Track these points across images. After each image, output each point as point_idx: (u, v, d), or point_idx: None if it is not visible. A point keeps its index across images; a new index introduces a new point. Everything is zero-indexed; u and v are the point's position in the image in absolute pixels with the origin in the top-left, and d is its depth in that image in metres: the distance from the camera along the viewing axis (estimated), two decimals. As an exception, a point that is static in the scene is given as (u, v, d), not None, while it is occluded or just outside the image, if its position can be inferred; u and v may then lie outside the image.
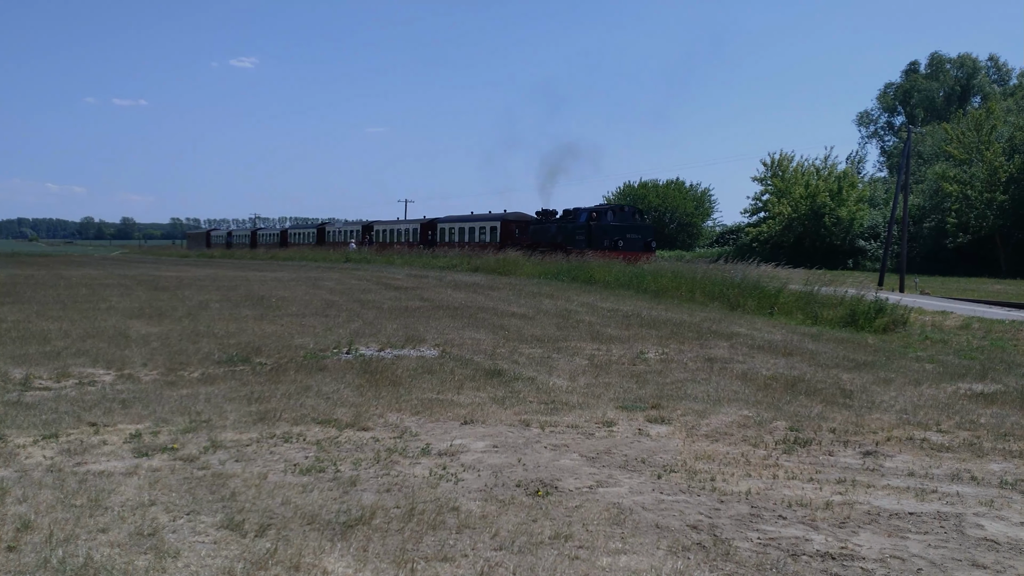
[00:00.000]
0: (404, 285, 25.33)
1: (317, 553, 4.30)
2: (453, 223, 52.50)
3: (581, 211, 39.75)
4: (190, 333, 12.84)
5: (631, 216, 39.22)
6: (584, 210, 39.54)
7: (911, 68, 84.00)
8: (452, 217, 53.98)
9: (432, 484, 5.54)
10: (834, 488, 5.72)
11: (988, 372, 11.03)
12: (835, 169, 64.10)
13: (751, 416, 7.96)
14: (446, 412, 7.80)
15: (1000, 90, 76.21)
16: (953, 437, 7.36)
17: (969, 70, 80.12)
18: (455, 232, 51.58)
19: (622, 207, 40.40)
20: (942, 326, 16.54)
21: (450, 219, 53.54)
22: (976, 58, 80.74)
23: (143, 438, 6.56)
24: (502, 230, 46.21)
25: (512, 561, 4.26)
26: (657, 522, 4.91)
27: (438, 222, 54.27)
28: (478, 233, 48.80)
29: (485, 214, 50.28)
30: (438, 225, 54.03)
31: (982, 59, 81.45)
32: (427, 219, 55.79)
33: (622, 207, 40.40)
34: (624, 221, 38.07)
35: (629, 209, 40.44)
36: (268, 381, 9.10)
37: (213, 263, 48.72)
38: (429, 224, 55.20)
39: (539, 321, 15.58)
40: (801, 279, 21.73)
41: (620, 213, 38.71)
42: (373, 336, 12.97)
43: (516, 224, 46.43)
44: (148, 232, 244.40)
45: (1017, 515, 5.24)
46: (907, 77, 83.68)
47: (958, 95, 79.29)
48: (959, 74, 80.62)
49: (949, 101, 78.66)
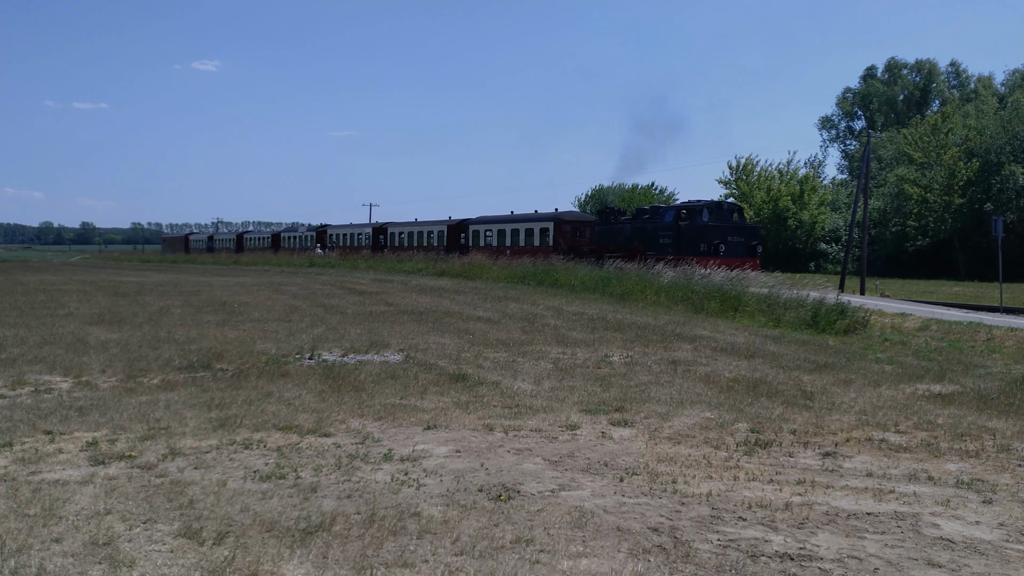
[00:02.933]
0: (369, 290, 25.22)
1: (276, 560, 4.26)
2: (490, 225, 45.19)
3: (665, 209, 33.72)
4: (150, 339, 12.68)
5: (730, 214, 32.15)
6: (669, 208, 33.50)
7: (869, 73, 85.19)
8: (488, 218, 46.45)
9: (394, 490, 5.51)
10: (794, 489, 5.77)
11: (946, 373, 11.20)
12: (797, 173, 64.86)
13: (713, 418, 8.01)
14: (409, 417, 7.77)
15: (959, 95, 77.57)
16: (911, 438, 7.46)
17: (926, 75, 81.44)
18: (492, 235, 44.26)
19: (719, 203, 32.72)
20: (901, 328, 16.78)
21: (485, 220, 46.26)
22: (935, 62, 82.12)
23: (100, 446, 6.46)
24: (555, 232, 39.47)
25: (473, 566, 4.25)
26: (618, 525, 4.92)
27: (470, 223, 46.86)
28: (523, 236, 41.65)
29: (530, 213, 43.51)
30: (470, 227, 46.53)
31: (941, 64, 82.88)
32: (456, 220, 48.76)
33: (719, 203, 32.72)
34: (723, 221, 31.21)
35: (728, 206, 33.18)
36: (229, 387, 9.01)
37: (176, 268, 48.22)
38: (459, 226, 48.02)
39: (504, 325, 15.58)
40: (764, 282, 21.94)
41: (718, 211, 31.52)
42: (336, 341, 12.89)
43: (572, 225, 40.02)
44: (109, 237, 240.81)
45: (972, 514, 5.32)
46: (866, 82, 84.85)
47: (917, 100, 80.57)
48: (917, 79, 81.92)
49: (908, 106, 79.90)
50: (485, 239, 44.64)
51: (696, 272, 24.41)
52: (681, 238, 30.48)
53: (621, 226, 35.04)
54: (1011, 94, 68.51)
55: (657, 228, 32.10)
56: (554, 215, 40.93)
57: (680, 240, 30.48)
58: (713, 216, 30.93)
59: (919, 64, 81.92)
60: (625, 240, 33.88)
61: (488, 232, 44.74)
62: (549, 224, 40.10)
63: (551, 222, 40.02)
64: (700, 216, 30.87)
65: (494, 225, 44.70)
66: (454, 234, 48.01)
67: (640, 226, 33.48)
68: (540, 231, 40.57)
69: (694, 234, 30.27)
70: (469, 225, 46.56)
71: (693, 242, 30.10)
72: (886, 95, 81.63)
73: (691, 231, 30.40)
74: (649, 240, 32.16)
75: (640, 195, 79.73)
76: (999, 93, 73.13)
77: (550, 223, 40.03)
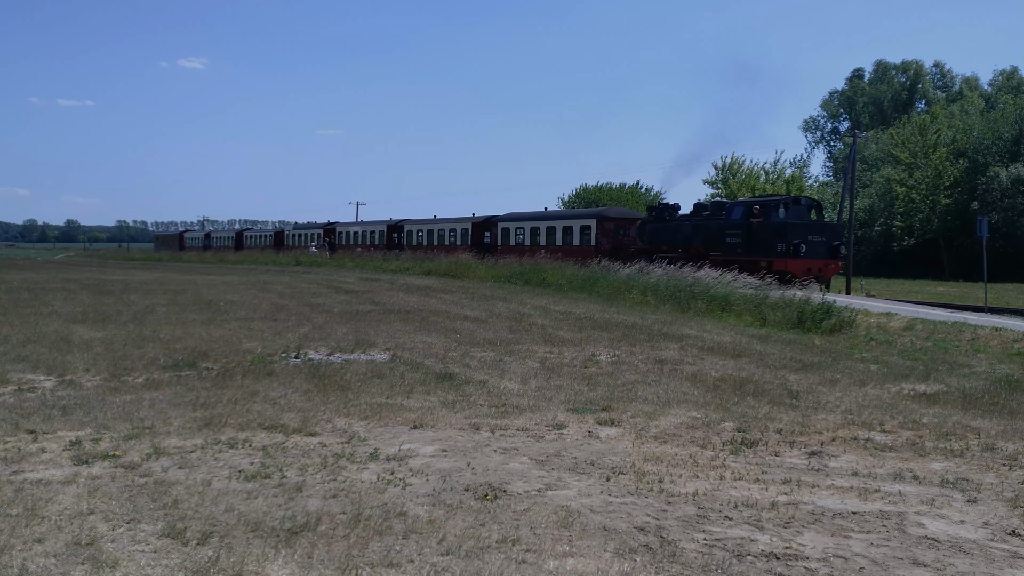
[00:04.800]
0: (355, 288, 25.16)
1: (260, 560, 4.23)
2: (520, 222, 41.53)
3: (732, 204, 30.70)
4: (135, 338, 12.61)
5: (808, 210, 28.98)
6: (737, 203, 30.45)
7: (856, 75, 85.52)
8: (517, 215, 43.05)
9: (379, 489, 5.49)
10: (780, 488, 5.78)
11: (931, 373, 11.25)
12: (783, 173, 65.04)
13: (699, 417, 8.02)
14: (395, 417, 7.74)
15: (944, 96, 77.99)
16: (896, 437, 7.49)
17: (913, 76, 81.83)
18: (524, 233, 40.59)
19: (796, 199, 29.66)
20: (887, 327, 16.84)
21: (515, 217, 42.81)
22: (921, 63, 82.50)
23: (83, 445, 6.41)
24: (598, 231, 35.87)
25: (458, 566, 4.23)
26: (605, 524, 4.92)
27: (498, 220, 43.28)
28: (560, 235, 38.07)
29: (568, 211, 40.61)
30: (498, 225, 42.86)
31: (927, 65, 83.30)
32: (481, 217, 45.70)
33: (796, 199, 29.66)
34: (801, 218, 28.06)
35: (806, 201, 29.84)
36: (214, 386, 8.96)
37: (161, 266, 47.98)
38: (485, 224, 44.91)
39: (492, 324, 15.56)
40: (750, 282, 21.99)
41: (795, 207, 28.36)
42: (323, 340, 12.85)
43: (617, 222, 36.46)
44: (94, 235, 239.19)
45: (957, 514, 5.34)
46: (852, 84, 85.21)
47: (903, 100, 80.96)
48: (904, 80, 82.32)
49: (895, 107, 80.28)
50: (516, 238, 41.12)
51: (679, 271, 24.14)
52: (753, 237, 27.47)
53: (678, 224, 31.86)
54: (997, 95, 68.91)
55: (723, 226, 28.93)
56: (596, 211, 37.91)
57: (751, 239, 27.49)
58: (790, 212, 27.80)
59: (905, 65, 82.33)
60: (683, 239, 30.86)
61: (519, 230, 41.08)
62: (591, 221, 36.50)
63: (593, 219, 36.53)
64: (775, 212, 27.68)
65: (525, 223, 41.08)
66: (478, 232, 45.18)
67: (702, 223, 30.43)
68: (580, 229, 36.96)
69: (769, 233, 27.05)
70: (497, 223, 43.19)
71: (768, 242, 26.98)
72: (872, 96, 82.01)
73: (765, 229, 27.18)
74: (713, 239, 29.22)
75: (628, 194, 79.60)
76: (985, 94, 73.55)
77: (592, 220, 36.57)
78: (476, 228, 45.16)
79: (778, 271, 25.62)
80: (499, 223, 42.82)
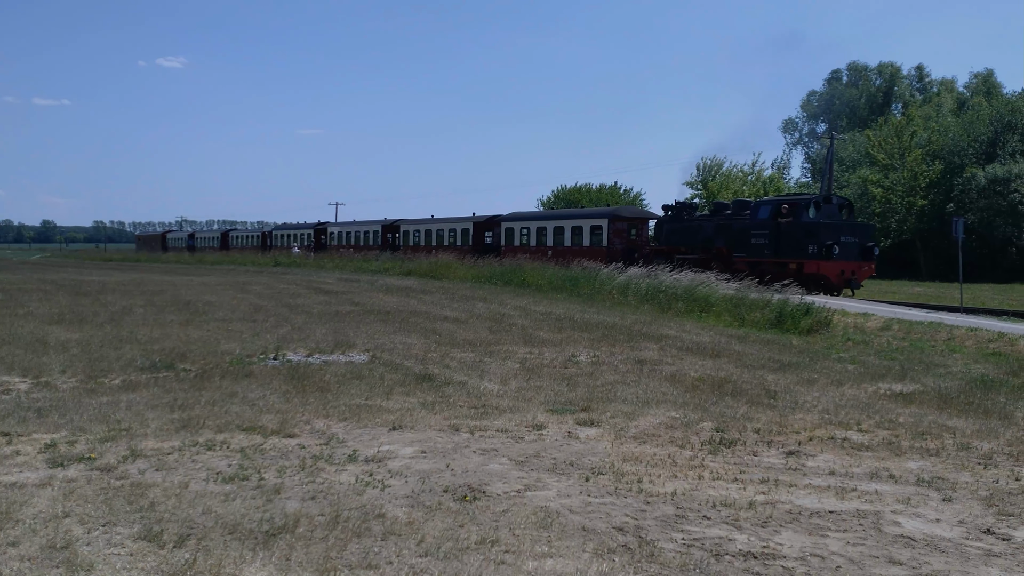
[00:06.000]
0: (335, 289, 25.07)
1: (238, 563, 4.21)
2: (527, 222, 40.14)
3: (757, 203, 29.16)
4: (112, 339, 12.50)
5: (839, 210, 27.51)
6: (763, 201, 28.94)
7: (833, 76, 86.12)
8: (523, 214, 41.84)
9: (358, 491, 5.47)
10: (757, 488, 5.81)
11: (907, 372, 11.35)
12: (762, 174, 65.43)
13: (678, 417, 8.05)
14: (374, 418, 7.72)
15: (921, 97, 78.65)
16: (873, 436, 7.54)
17: (888, 78, 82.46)
18: (529, 234, 39.18)
19: (827, 197, 28.13)
20: (864, 328, 16.97)
21: (520, 216, 41.43)
22: (898, 65, 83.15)
23: (59, 448, 6.35)
24: (610, 231, 34.52)
25: (437, 567, 4.23)
26: (584, 525, 4.93)
27: (501, 220, 41.81)
28: (569, 235, 36.62)
29: (577, 210, 39.69)
30: (502, 224, 41.35)
31: (905, 67, 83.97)
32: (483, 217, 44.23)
33: (827, 197, 28.13)
34: (832, 217, 26.69)
35: (837, 200, 28.23)
36: (192, 388, 8.91)
37: (139, 267, 47.61)
38: (487, 223, 43.51)
39: (471, 325, 15.55)
40: (729, 283, 22.09)
41: (827, 206, 26.96)
42: (301, 341, 12.80)
43: (630, 222, 35.28)
44: (70, 235, 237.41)
45: (933, 512, 5.39)
46: (829, 85, 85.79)
47: (879, 103, 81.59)
48: (880, 82, 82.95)
49: (871, 109, 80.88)
50: (520, 238, 39.62)
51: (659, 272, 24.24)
52: (781, 238, 26.35)
53: (699, 223, 30.74)
54: (972, 97, 69.60)
55: (748, 226, 27.75)
56: (608, 210, 36.66)
57: (780, 240, 26.40)
58: (822, 212, 26.52)
59: (881, 67, 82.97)
60: (704, 240, 29.82)
61: (524, 230, 39.62)
62: (602, 221, 35.06)
63: (605, 219, 35.10)
64: (805, 212, 26.35)
65: (531, 222, 39.74)
66: (479, 233, 43.75)
67: (724, 223, 29.21)
68: (591, 229, 35.49)
69: (800, 233, 25.84)
70: (501, 222, 41.66)
71: (798, 243, 25.84)
72: (848, 97, 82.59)
73: (795, 229, 26.00)
74: (737, 240, 28.09)
75: (607, 195, 79.64)
76: (961, 96, 74.25)
77: (603, 220, 35.05)
78: (477, 228, 43.77)
79: (809, 274, 25.09)
80: (503, 223, 41.39)
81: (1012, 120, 51.68)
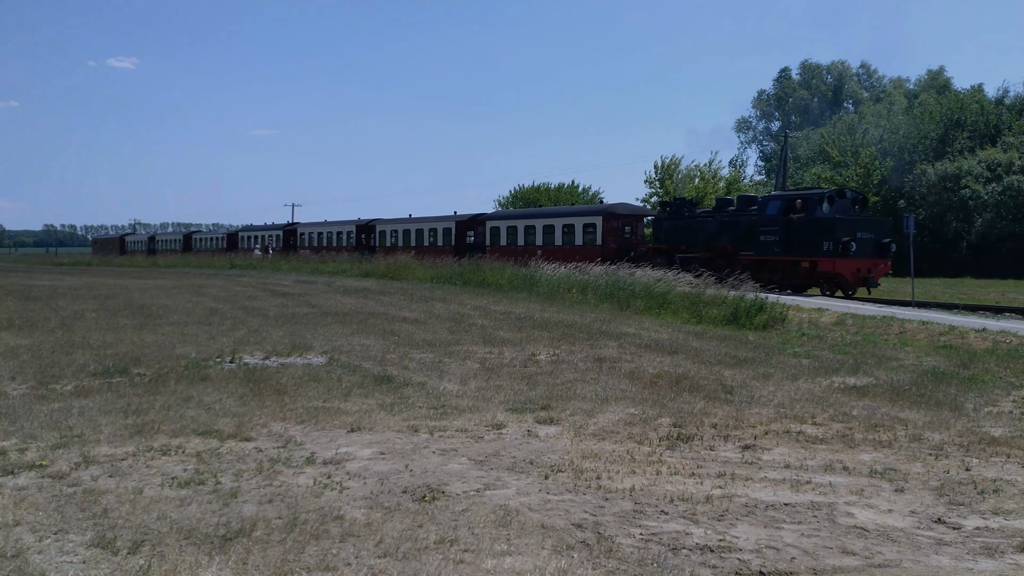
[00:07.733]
0: (291, 291, 24.85)
1: (194, 568, 4.16)
2: (513, 220, 38.87)
3: (766, 198, 27.57)
4: (64, 344, 12.28)
5: (853, 204, 26.04)
6: (772, 196, 27.47)
7: (783, 75, 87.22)
8: (508, 213, 41.02)
9: (316, 493, 5.43)
10: (714, 482, 5.87)
11: (860, 366, 11.53)
12: (719, 172, 66.01)
13: (637, 414, 8.11)
14: (332, 420, 7.67)
15: (868, 95, 79.99)
16: (827, 429, 7.66)
17: (838, 76, 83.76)
18: (517, 233, 37.90)
19: (841, 191, 26.57)
20: (818, 323, 17.21)
21: (505, 215, 40.58)
22: (848, 64, 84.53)
23: (9, 455, 6.23)
24: (603, 229, 33.44)
25: (396, 568, 4.22)
26: (543, 522, 4.94)
27: (486, 219, 40.56)
28: (560, 234, 35.56)
29: (569, 208, 38.56)
30: (487, 224, 40.22)
31: (854, 66, 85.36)
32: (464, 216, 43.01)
33: (841, 191, 26.57)
34: (847, 212, 25.32)
35: (851, 194, 26.63)
36: (147, 392, 8.78)
37: (91, 271, 46.79)
38: (469, 223, 42.22)
39: (431, 326, 15.51)
40: (688, 280, 22.27)
41: (841, 200, 25.53)
42: (258, 344, 12.67)
43: (624, 220, 34.15)
44: (19, 239, 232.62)
45: (885, 503, 5.49)
46: (780, 84, 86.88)
47: (829, 100, 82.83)
48: (830, 80, 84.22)
49: (822, 107, 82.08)
50: (507, 238, 38.36)
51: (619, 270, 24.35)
52: (793, 235, 25.19)
53: (701, 220, 29.65)
54: (922, 94, 70.88)
55: (756, 222, 26.62)
56: (602, 207, 35.62)
57: (791, 237, 25.24)
58: (836, 207, 25.12)
59: (831, 66, 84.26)
60: (707, 238, 28.82)
61: (511, 229, 38.36)
62: (596, 219, 33.86)
63: (598, 216, 33.87)
64: (819, 207, 25.05)
65: (518, 221, 38.41)
66: (462, 232, 42.60)
67: (729, 220, 28.17)
68: (583, 228, 34.39)
69: (814, 229, 24.64)
70: (485, 221, 40.53)
71: (811, 240, 24.67)
72: (800, 96, 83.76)
73: (809, 225, 24.80)
74: (743, 237, 27.14)
75: (566, 194, 79.73)
76: (910, 93, 75.61)
77: (597, 218, 33.83)
78: (460, 227, 42.44)
79: (824, 272, 24.61)
80: (487, 221, 40.11)
81: (961, 117, 52.74)
